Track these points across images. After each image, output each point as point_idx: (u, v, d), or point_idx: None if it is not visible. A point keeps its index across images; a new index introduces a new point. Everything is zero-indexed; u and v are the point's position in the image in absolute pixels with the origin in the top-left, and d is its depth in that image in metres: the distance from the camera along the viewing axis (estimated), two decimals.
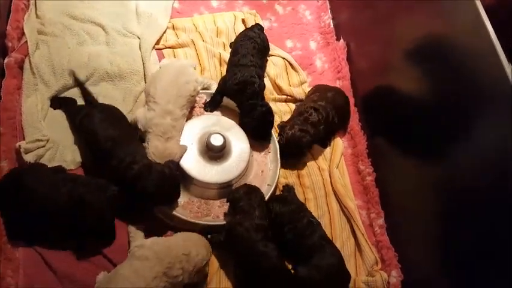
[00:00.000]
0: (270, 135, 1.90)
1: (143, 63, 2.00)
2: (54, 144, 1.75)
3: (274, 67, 2.15)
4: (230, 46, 2.14)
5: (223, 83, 1.92)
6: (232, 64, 1.96)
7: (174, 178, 1.62)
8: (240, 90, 1.85)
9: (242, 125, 1.87)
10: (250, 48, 1.98)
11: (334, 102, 1.95)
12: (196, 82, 1.85)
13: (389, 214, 1.81)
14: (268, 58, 2.17)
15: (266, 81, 2.07)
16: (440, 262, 1.58)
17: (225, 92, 1.92)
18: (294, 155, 1.91)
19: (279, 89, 2.11)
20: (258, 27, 2.13)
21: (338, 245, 1.68)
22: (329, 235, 1.70)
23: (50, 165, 1.68)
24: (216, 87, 1.96)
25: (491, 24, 1.32)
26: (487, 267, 1.35)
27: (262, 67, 2.05)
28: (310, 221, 1.64)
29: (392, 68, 1.89)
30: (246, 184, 1.71)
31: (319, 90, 2.03)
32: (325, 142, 2.00)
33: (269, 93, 2.07)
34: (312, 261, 1.57)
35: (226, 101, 1.94)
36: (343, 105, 2.02)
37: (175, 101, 1.74)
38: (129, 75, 1.96)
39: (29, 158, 1.66)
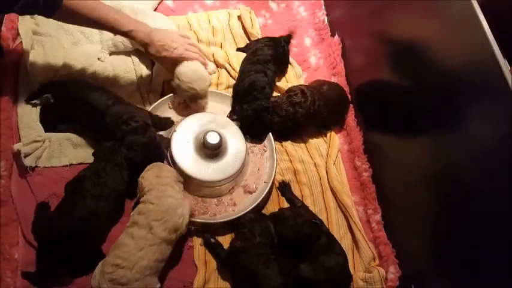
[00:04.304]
0: (265, 133, 1.90)
1: (133, 62, 1.99)
2: (52, 140, 1.74)
3: None
4: (244, 50, 2.14)
5: (234, 88, 1.97)
6: (248, 62, 1.98)
7: (159, 146, 1.70)
8: (247, 92, 1.86)
9: (240, 120, 1.89)
10: (269, 54, 1.98)
11: (326, 95, 1.94)
12: None
13: (386, 210, 1.82)
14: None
15: None
16: (438, 257, 1.58)
17: (237, 96, 1.94)
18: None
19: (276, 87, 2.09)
20: (286, 39, 2.11)
21: None
22: None
23: (49, 163, 1.70)
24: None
25: (487, 21, 1.32)
26: (484, 263, 1.36)
27: (274, 76, 2.01)
28: (313, 223, 1.62)
29: (387, 64, 1.88)
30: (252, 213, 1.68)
31: (316, 82, 2.06)
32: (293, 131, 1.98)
33: None
34: (318, 260, 1.57)
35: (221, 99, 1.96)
36: (335, 100, 2.00)
37: None
38: (122, 74, 1.95)
39: (29, 161, 1.67)
